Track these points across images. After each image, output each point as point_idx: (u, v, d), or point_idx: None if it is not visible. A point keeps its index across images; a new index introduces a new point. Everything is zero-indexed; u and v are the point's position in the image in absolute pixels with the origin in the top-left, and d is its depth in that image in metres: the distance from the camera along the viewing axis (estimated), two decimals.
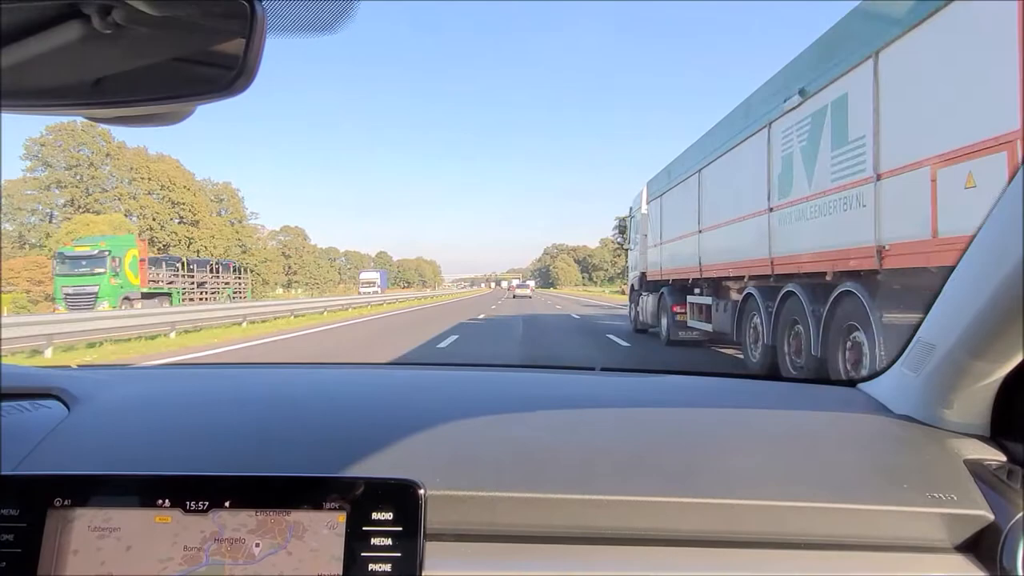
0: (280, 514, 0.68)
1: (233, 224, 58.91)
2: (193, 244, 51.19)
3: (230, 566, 0.66)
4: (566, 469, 0.75)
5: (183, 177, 51.92)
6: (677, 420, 0.92)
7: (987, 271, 0.70)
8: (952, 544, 0.71)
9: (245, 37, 0.43)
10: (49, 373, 1.06)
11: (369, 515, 0.67)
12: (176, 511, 0.68)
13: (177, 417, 0.93)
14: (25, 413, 0.88)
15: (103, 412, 0.92)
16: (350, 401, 1.02)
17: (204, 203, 54.47)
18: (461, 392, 1.10)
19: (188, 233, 51.83)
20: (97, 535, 0.67)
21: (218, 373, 1.37)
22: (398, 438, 0.80)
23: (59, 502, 0.68)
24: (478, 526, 0.72)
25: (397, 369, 1.55)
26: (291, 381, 1.18)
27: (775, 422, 0.92)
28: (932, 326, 0.84)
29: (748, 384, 1.26)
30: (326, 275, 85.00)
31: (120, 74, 0.45)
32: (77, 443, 0.83)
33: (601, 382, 1.23)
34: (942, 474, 0.75)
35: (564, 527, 0.72)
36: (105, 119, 0.50)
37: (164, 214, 50.60)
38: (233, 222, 59.22)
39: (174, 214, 51.65)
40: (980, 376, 0.76)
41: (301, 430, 0.86)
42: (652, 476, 0.75)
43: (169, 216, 51.17)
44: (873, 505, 0.71)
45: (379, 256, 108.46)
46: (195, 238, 52.01)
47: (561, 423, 0.88)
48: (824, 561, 0.70)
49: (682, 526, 0.72)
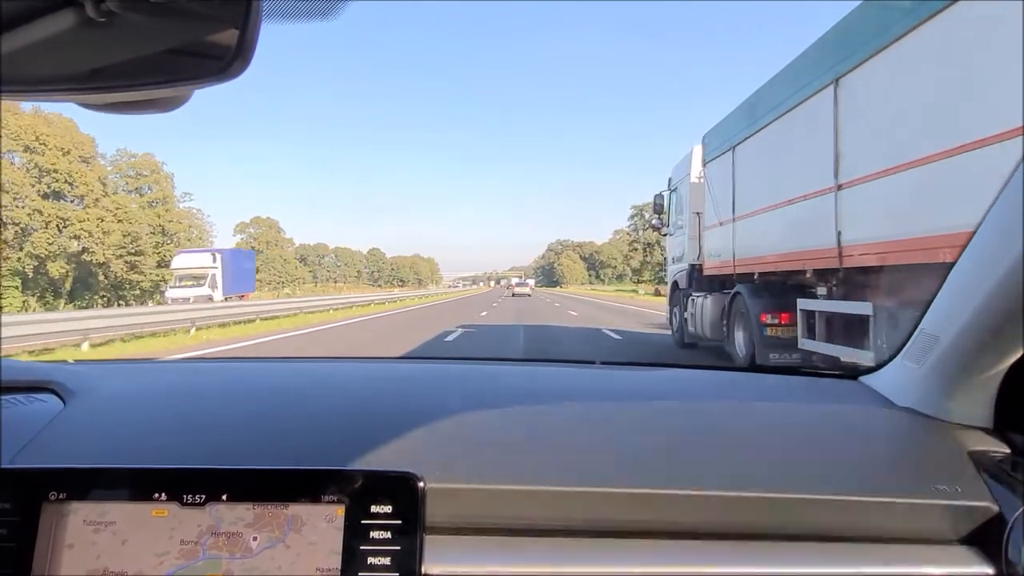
0: (278, 507, 0.68)
1: (155, 206, 44.63)
2: (69, 227, 35.95)
3: (227, 560, 0.66)
4: (566, 462, 0.75)
5: (70, 141, 36.41)
6: (678, 413, 0.91)
7: (990, 262, 0.70)
8: (956, 536, 0.71)
9: (241, 21, 0.43)
10: (44, 367, 1.06)
11: (368, 508, 0.67)
12: (173, 504, 0.68)
13: (173, 411, 0.92)
14: (20, 407, 0.88)
15: (99, 406, 0.91)
16: (349, 394, 1.01)
17: (98, 176, 38.61)
18: (461, 385, 1.10)
19: (60, 212, 35.88)
20: (93, 529, 0.67)
21: (214, 367, 1.38)
22: (397, 431, 0.80)
23: (54, 496, 0.68)
24: (478, 519, 0.72)
25: (396, 363, 1.44)
26: (289, 375, 1.18)
27: (777, 415, 0.92)
28: (935, 318, 0.83)
29: (749, 377, 1.28)
30: (294, 272, 78.23)
31: (115, 60, 0.45)
32: (72, 437, 0.83)
33: (601, 375, 1.23)
34: (946, 466, 0.75)
35: (564, 520, 0.72)
36: (101, 105, 0.50)
37: (20, 184, 34.01)
38: (155, 204, 44.89)
39: (42, 187, 35.50)
40: (984, 368, 0.77)
41: (299, 423, 0.85)
42: (653, 469, 0.75)
43: (30, 187, 34.69)
44: (877, 497, 0.71)
45: (371, 253, 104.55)
46: (72, 220, 35.99)
47: (561, 416, 0.88)
48: (828, 553, 0.70)
49: (683, 518, 0.72)
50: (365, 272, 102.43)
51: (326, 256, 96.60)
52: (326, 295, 34.42)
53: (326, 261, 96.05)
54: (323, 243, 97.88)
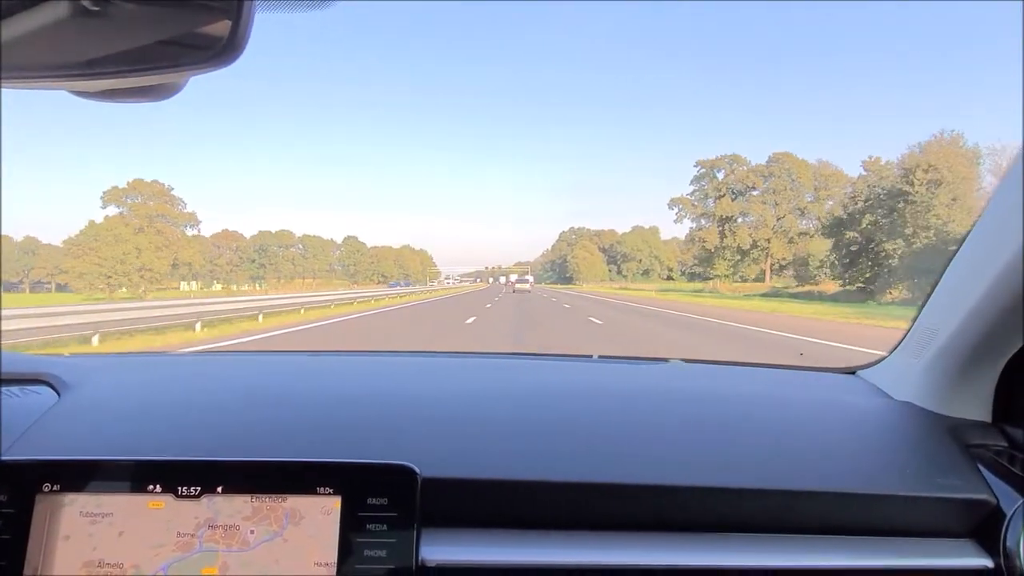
0: (276, 500, 0.67)
1: None
2: None
3: (224, 553, 0.66)
4: (563, 454, 0.76)
5: None
6: (676, 406, 0.91)
7: (988, 257, 0.70)
8: (955, 529, 0.72)
9: (235, 8, 0.43)
10: (39, 359, 1.06)
11: (365, 500, 0.67)
12: (168, 496, 0.67)
13: (168, 403, 0.91)
14: (14, 399, 0.87)
15: (93, 398, 0.91)
16: (344, 387, 1.01)
17: None
18: (458, 379, 1.10)
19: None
20: (89, 520, 0.67)
21: (209, 360, 1.41)
22: (394, 424, 0.81)
23: (48, 487, 0.67)
24: (474, 511, 0.72)
25: (392, 356, 1.47)
26: (284, 368, 1.17)
27: (775, 409, 0.91)
28: (933, 312, 0.84)
29: (747, 371, 1.26)
30: (188, 258, 59.54)
31: (110, 50, 0.44)
32: (67, 429, 0.82)
33: (599, 369, 1.23)
34: (944, 460, 0.76)
35: (561, 512, 0.72)
36: (94, 93, 0.49)
37: None
38: None
39: None
40: (982, 361, 0.77)
41: (294, 416, 0.85)
42: (650, 461, 0.75)
43: None
44: (876, 490, 0.71)
45: (347, 242, 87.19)
46: None
47: (559, 409, 0.88)
48: (827, 546, 0.70)
49: (681, 511, 0.72)
50: (339, 267, 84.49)
51: (292, 246, 78.56)
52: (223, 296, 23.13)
53: (290, 252, 77.96)
54: (287, 230, 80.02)
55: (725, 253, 52.38)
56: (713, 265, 52.99)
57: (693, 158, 76.02)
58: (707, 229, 54.72)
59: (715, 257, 53.05)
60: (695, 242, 56.53)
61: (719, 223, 53.74)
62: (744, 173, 54.73)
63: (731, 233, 52.51)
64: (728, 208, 53.43)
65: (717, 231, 53.44)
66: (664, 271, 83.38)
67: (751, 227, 52.07)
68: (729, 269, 52.06)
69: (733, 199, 54.14)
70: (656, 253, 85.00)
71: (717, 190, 55.18)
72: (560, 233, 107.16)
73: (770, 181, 52.92)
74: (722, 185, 55.05)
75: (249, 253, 75.63)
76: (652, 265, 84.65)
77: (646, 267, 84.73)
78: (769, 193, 52.78)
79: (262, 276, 73.67)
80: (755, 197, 53.40)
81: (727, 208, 53.23)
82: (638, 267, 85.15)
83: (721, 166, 56.25)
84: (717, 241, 53.04)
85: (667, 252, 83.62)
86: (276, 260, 76.37)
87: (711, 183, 56.50)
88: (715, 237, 53.18)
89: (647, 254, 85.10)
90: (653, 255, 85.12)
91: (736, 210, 53.31)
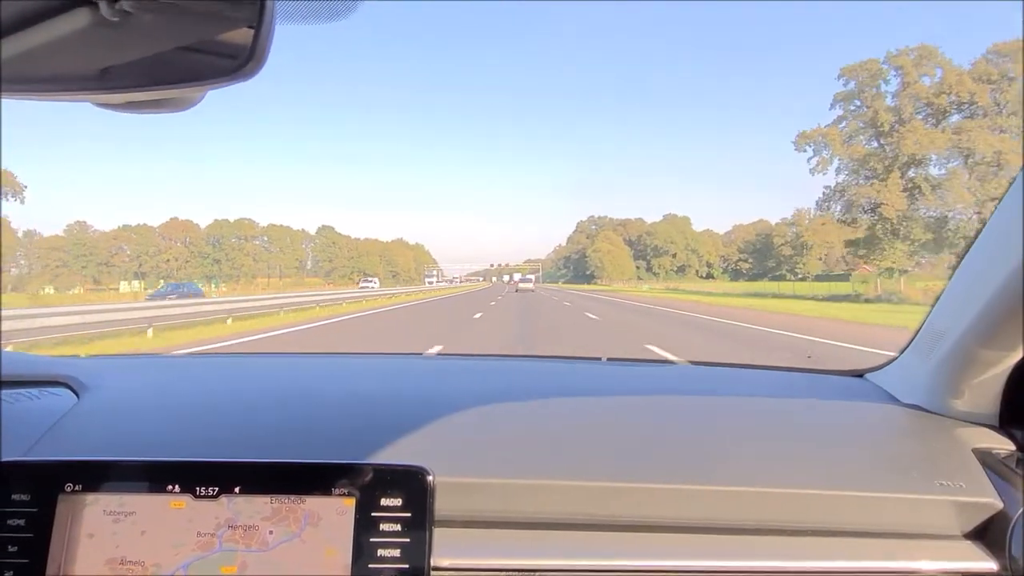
0: (295, 502, 0.68)
1: None
2: None
3: (243, 553, 0.67)
4: (574, 456, 0.77)
5: None
6: (684, 409, 0.93)
7: (997, 260, 0.71)
8: (961, 532, 0.72)
9: (255, 21, 0.43)
10: (58, 361, 1.07)
11: (378, 501, 0.68)
12: (187, 496, 0.69)
13: (186, 404, 0.93)
14: (34, 400, 0.89)
15: (112, 399, 0.92)
16: (358, 389, 1.02)
17: None
18: (470, 381, 1.10)
19: None
20: (113, 519, 0.68)
21: (225, 361, 1.39)
22: (407, 425, 0.81)
23: (70, 487, 0.69)
24: (487, 513, 0.73)
25: (405, 358, 1.47)
26: (299, 369, 1.19)
27: (782, 411, 0.93)
28: (941, 314, 0.84)
29: (755, 374, 1.26)
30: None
31: (129, 60, 0.44)
32: (86, 430, 0.84)
33: (608, 371, 1.23)
34: (951, 462, 0.76)
35: (572, 514, 0.73)
36: (114, 105, 0.50)
37: None
38: None
39: None
40: (989, 364, 0.77)
41: (309, 417, 0.87)
42: (660, 463, 0.76)
43: None
44: (882, 493, 0.72)
45: (321, 232, 73.57)
46: None
47: (569, 411, 0.89)
48: (834, 548, 0.71)
49: (691, 513, 0.72)
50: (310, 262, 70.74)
51: (255, 238, 64.74)
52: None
53: (250, 245, 64.03)
54: (248, 219, 66.23)
55: (912, 227, 28.19)
56: (879, 250, 28.95)
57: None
58: (872, 184, 29.34)
59: (889, 235, 28.65)
60: (849, 207, 30.89)
61: (901, 169, 28.60)
62: (953, 76, 28.19)
63: (923, 188, 27.91)
64: (924, 140, 27.57)
65: (901, 185, 28.27)
66: (703, 267, 70.02)
67: (970, 177, 27.29)
68: (907, 257, 28.89)
69: (936, 124, 28.69)
70: (693, 246, 71.40)
71: (895, 112, 29.47)
72: (577, 223, 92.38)
73: (1000, 91, 26.87)
74: (901, 104, 29.44)
75: (201, 247, 61.84)
76: (689, 260, 71.07)
77: (681, 263, 71.07)
78: (999, 114, 27.38)
79: (215, 274, 59.85)
80: (972, 124, 27.33)
81: (922, 140, 27.43)
82: (672, 263, 71.23)
83: (902, 65, 29.46)
84: (903, 204, 28.29)
85: (706, 245, 70.23)
86: (233, 255, 62.65)
87: (876, 101, 30.11)
88: (898, 197, 28.04)
89: (682, 247, 71.41)
90: (689, 248, 71.65)
91: (942, 145, 27.69)
